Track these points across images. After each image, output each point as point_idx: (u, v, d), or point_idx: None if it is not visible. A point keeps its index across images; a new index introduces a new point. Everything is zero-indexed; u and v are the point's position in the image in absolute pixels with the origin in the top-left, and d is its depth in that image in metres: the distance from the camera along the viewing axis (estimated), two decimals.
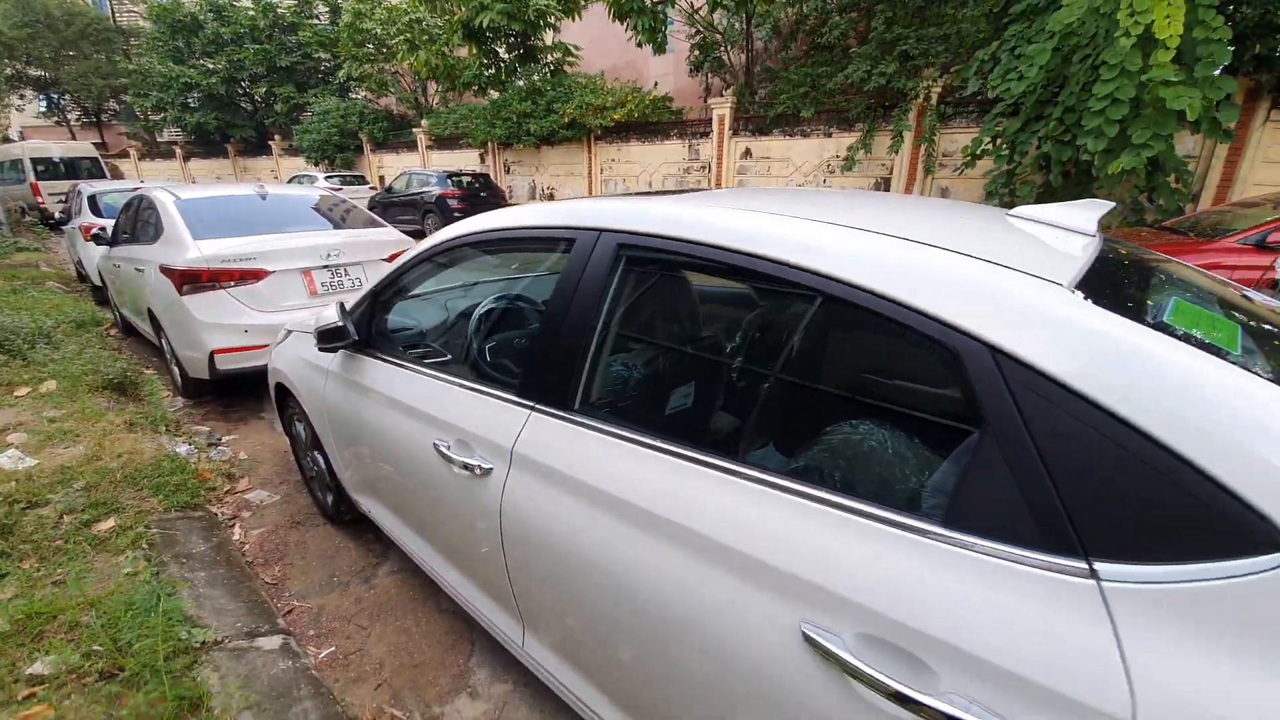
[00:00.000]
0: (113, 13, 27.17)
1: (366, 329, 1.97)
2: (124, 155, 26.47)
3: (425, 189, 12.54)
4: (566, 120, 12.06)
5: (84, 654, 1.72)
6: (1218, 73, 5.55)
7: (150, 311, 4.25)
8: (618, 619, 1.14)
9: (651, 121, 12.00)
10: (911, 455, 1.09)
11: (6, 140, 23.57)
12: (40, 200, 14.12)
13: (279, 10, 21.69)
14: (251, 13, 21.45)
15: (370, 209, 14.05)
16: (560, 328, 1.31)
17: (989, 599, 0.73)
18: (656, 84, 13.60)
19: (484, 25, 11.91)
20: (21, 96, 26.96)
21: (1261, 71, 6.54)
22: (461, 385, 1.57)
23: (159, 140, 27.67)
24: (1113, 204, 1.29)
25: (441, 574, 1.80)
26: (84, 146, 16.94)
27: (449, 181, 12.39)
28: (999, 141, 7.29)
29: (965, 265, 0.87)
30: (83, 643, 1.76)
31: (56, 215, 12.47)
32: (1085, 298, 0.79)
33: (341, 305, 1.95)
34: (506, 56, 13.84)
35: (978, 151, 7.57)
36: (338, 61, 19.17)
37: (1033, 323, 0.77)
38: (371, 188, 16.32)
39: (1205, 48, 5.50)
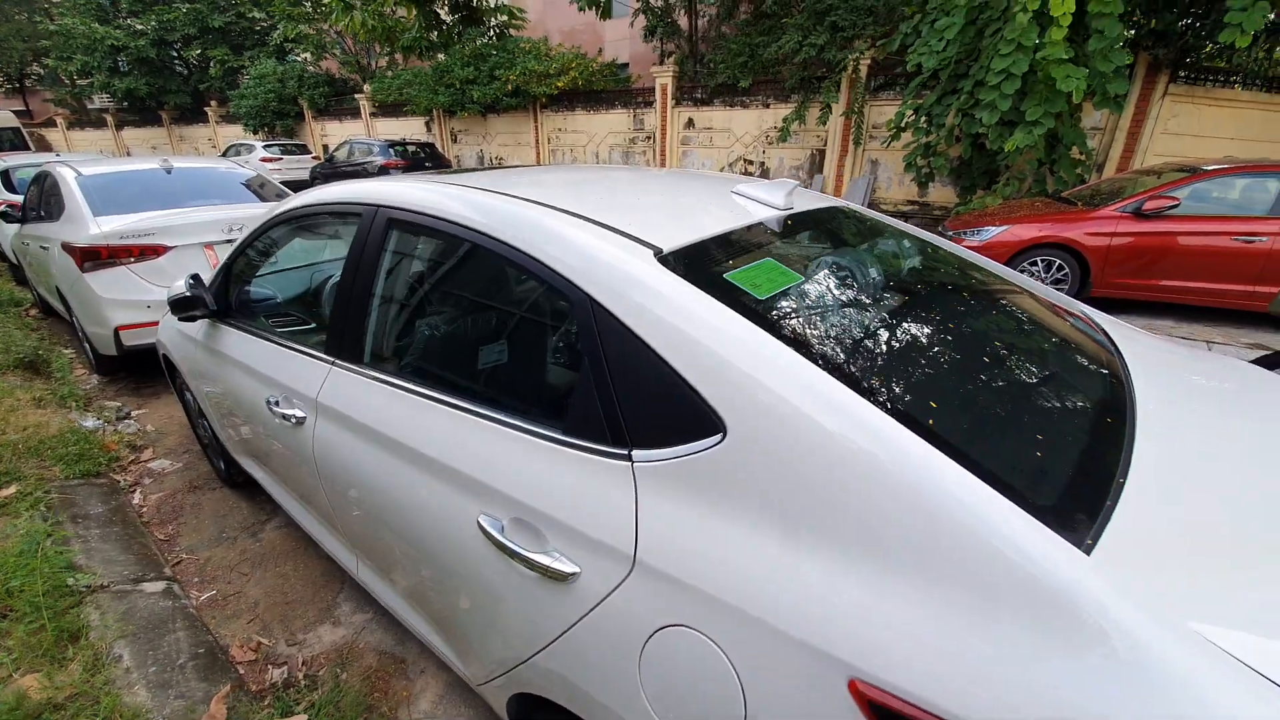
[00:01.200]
0: None
1: (223, 299, 2.15)
2: (50, 124, 24.95)
3: (368, 159, 12.29)
4: (510, 88, 11.89)
5: None
6: (1115, 46, 5.84)
7: (58, 289, 4.27)
8: (389, 525, 1.42)
9: (597, 90, 11.93)
10: (552, 381, 1.33)
11: None
12: None
13: None
14: None
15: (312, 180, 13.70)
16: (350, 289, 1.54)
17: (579, 482, 1.01)
18: (602, 51, 13.49)
19: None
20: None
21: (1159, 46, 6.91)
22: (286, 346, 1.79)
23: (89, 108, 26.09)
24: (796, 183, 1.55)
25: (300, 519, 2.04)
26: (4, 116, 15.90)
27: (392, 151, 12.17)
28: (919, 114, 7.57)
29: (582, 230, 1.12)
30: None
31: None
32: (659, 259, 1.04)
33: (196, 276, 2.12)
34: (449, 19, 13.47)
35: (901, 124, 7.85)
36: (273, 21, 18.28)
37: (615, 279, 1.03)
38: (314, 158, 15.86)
39: (1100, 21, 5.80)
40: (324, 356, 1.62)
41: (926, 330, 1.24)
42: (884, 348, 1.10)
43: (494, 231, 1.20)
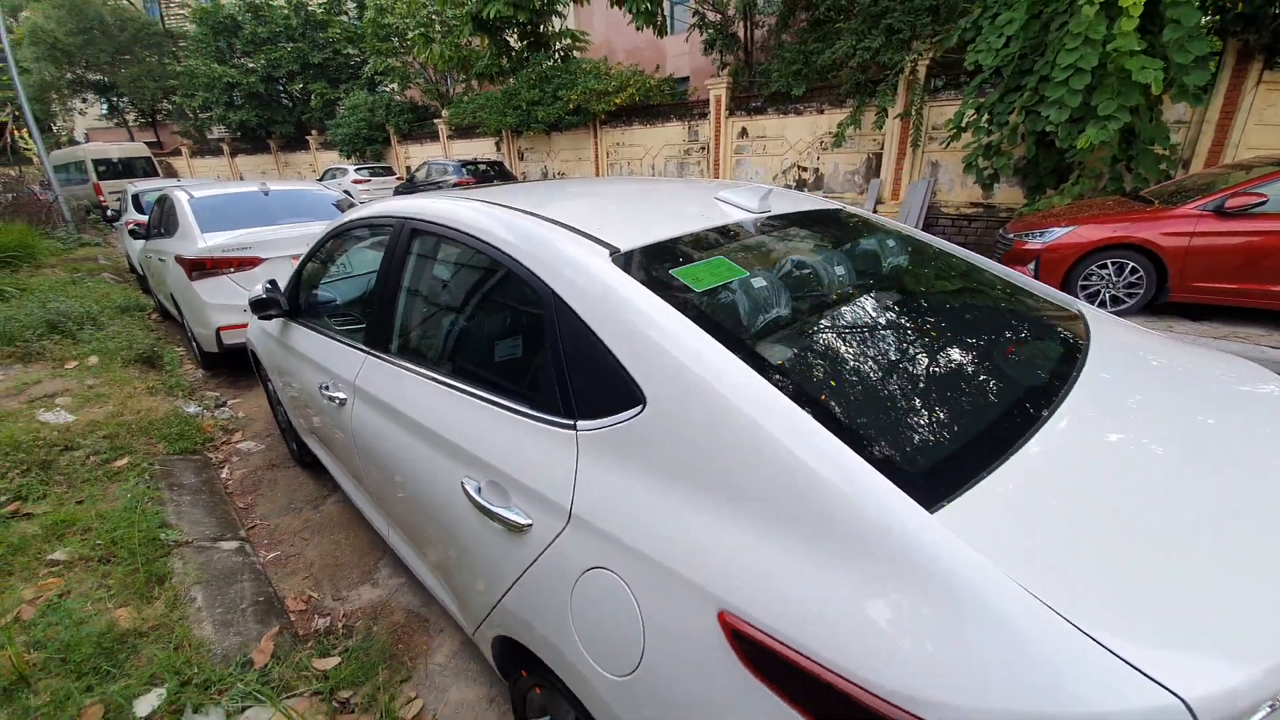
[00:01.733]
0: (162, 17, 28.74)
1: (294, 300, 2.49)
2: (176, 154, 28.23)
3: (444, 178, 13.18)
4: (571, 106, 12.41)
5: (90, 546, 2.33)
6: (1194, 34, 5.44)
7: (172, 295, 4.95)
8: (403, 488, 1.64)
9: (653, 105, 12.23)
10: (523, 364, 1.44)
11: (73, 143, 25.56)
12: (102, 199, 15.45)
13: (310, 8, 22.61)
14: (285, 12, 22.45)
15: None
16: (382, 289, 1.79)
17: (537, 449, 1.17)
18: (659, 68, 13.80)
19: (491, 16, 12.33)
20: (84, 100, 28.97)
21: (1249, 31, 6.34)
22: (338, 340, 2.07)
23: (208, 138, 29.36)
24: (770, 188, 1.65)
25: (351, 493, 2.33)
26: (138, 147, 18.30)
27: (465, 170, 13.00)
28: (980, 113, 7.29)
29: (552, 232, 1.29)
30: (90, 539, 2.37)
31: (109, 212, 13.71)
32: (614, 258, 1.19)
33: (273, 282, 2.48)
34: (517, 45, 14.24)
35: (962, 124, 7.58)
36: (364, 56, 19.95)
37: (573, 274, 1.19)
38: (398, 178, 17.13)
39: (1176, 10, 5.43)
40: (362, 347, 1.89)
41: (859, 321, 1.34)
42: (804, 335, 1.21)
43: (483, 235, 1.40)
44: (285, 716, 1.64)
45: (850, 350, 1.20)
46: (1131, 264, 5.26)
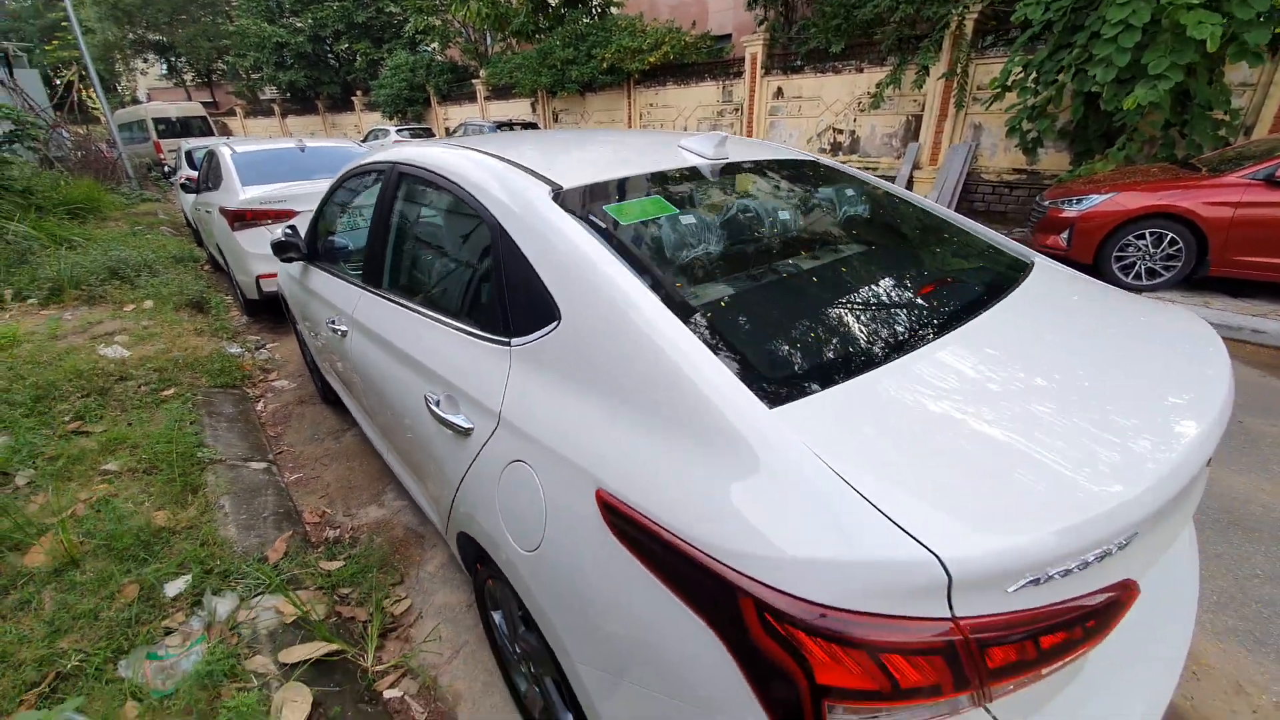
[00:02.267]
0: None
1: (312, 245, 2.71)
2: (231, 114, 29.19)
3: None
4: (605, 65, 12.27)
5: (136, 460, 2.66)
6: None
7: (218, 245, 5.32)
8: (389, 405, 1.85)
9: (687, 64, 11.97)
10: (474, 289, 1.57)
11: (135, 102, 26.73)
12: (162, 156, 16.23)
13: None
14: None
15: None
16: (374, 229, 1.97)
17: (482, 364, 1.35)
18: (695, 24, 13.40)
19: None
20: (145, 60, 30.11)
21: None
22: (342, 278, 2.28)
23: (260, 99, 30.25)
24: (726, 135, 1.73)
25: (362, 425, 2.57)
26: (194, 107, 19.05)
27: (499, 131, 13.12)
28: (1027, 72, 6.91)
29: (504, 169, 1.44)
30: (137, 454, 2.70)
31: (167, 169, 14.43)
32: (554, 194, 1.32)
33: (292, 227, 2.70)
34: (554, 1, 14.07)
35: (1007, 83, 7.21)
36: (405, 14, 20.01)
37: (515, 206, 1.33)
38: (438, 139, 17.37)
39: None
40: (358, 283, 2.09)
41: (773, 254, 1.45)
42: (715, 264, 1.33)
43: (450, 173, 1.55)
44: (291, 601, 1.90)
45: (752, 281, 1.31)
46: (1170, 235, 5.02)
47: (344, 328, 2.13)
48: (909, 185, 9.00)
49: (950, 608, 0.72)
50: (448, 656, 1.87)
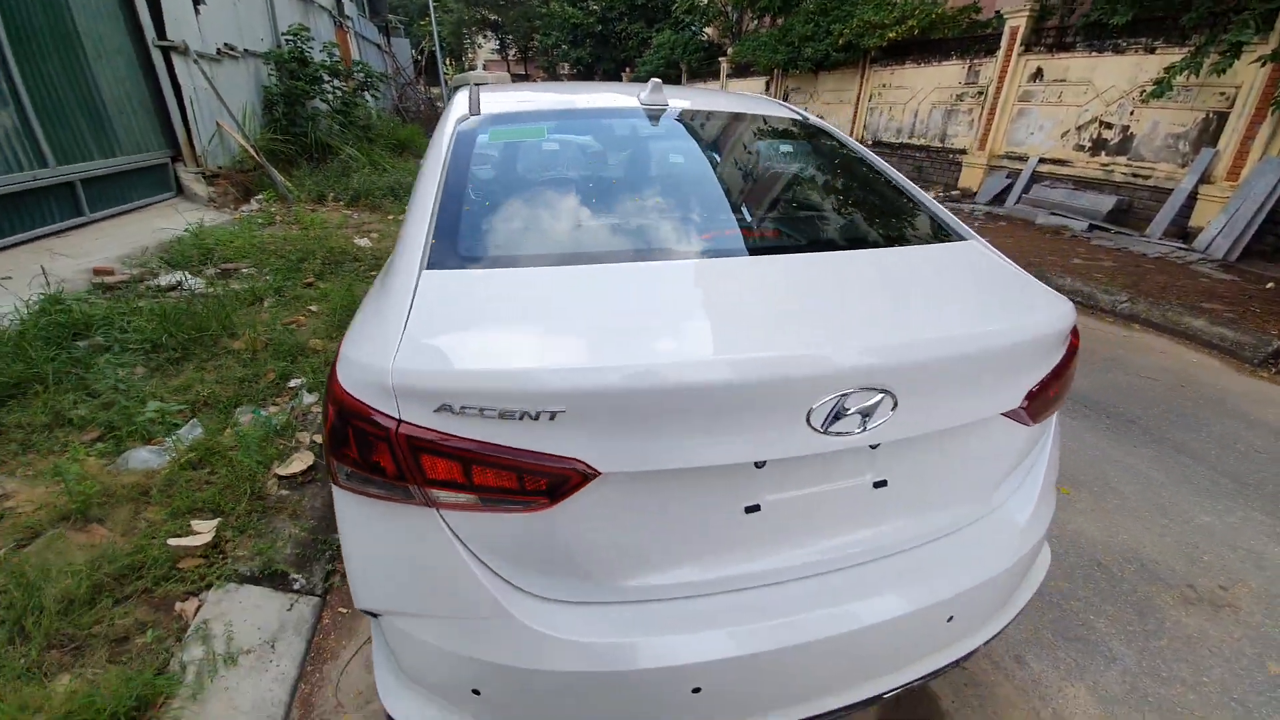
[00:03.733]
0: None
1: None
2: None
3: None
4: (840, 42, 11.73)
5: (331, 307, 3.98)
6: None
7: None
8: None
9: (932, 40, 10.78)
10: None
11: (470, 69, 33.60)
12: None
13: None
14: None
15: None
16: None
17: None
18: None
19: None
20: (485, 36, 37.33)
21: None
22: None
23: (559, 73, 35.38)
24: (659, 81, 1.92)
25: None
26: (503, 76, 23.32)
27: None
28: None
29: (463, 103, 1.87)
30: (330, 303, 4.03)
31: None
32: (472, 113, 1.77)
33: None
34: None
35: None
36: None
37: (445, 127, 1.81)
38: None
39: None
40: None
41: (616, 175, 1.77)
42: (550, 174, 1.70)
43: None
44: None
45: (552, 186, 1.64)
46: None
47: None
48: (1191, 201, 7.05)
49: (399, 412, 0.94)
50: None
